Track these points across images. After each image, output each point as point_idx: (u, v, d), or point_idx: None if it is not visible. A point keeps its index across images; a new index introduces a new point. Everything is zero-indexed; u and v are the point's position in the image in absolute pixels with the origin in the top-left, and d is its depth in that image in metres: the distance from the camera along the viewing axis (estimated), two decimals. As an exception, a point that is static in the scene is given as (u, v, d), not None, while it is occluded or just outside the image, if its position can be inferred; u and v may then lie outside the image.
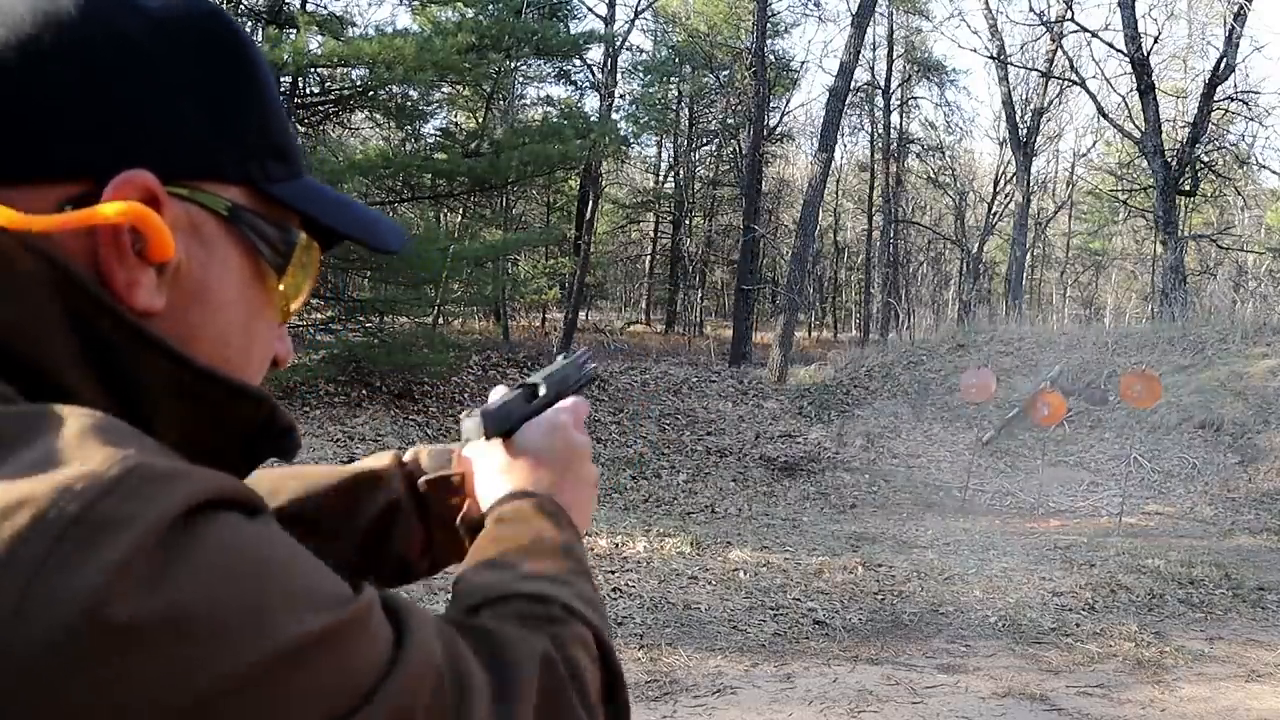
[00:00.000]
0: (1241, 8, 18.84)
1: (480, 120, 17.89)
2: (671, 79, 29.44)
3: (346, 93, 13.26)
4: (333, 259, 11.08)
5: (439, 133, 17.89)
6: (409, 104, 14.40)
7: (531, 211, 27.80)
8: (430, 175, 13.01)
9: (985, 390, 10.90)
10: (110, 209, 0.47)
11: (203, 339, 0.52)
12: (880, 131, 30.53)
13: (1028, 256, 28.37)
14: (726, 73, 27.26)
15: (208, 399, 0.51)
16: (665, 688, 4.42)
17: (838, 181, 32.94)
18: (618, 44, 21.93)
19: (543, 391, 0.80)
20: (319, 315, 11.85)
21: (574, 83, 25.92)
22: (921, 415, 13.37)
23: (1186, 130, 20.62)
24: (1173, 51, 27.89)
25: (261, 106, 0.55)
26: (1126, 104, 21.64)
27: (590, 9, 28.39)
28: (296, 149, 0.58)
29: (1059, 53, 23.26)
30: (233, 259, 0.54)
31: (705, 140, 30.90)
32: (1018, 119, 25.61)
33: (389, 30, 12.32)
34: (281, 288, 0.57)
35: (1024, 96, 27.28)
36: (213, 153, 0.52)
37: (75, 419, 0.42)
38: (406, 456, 0.82)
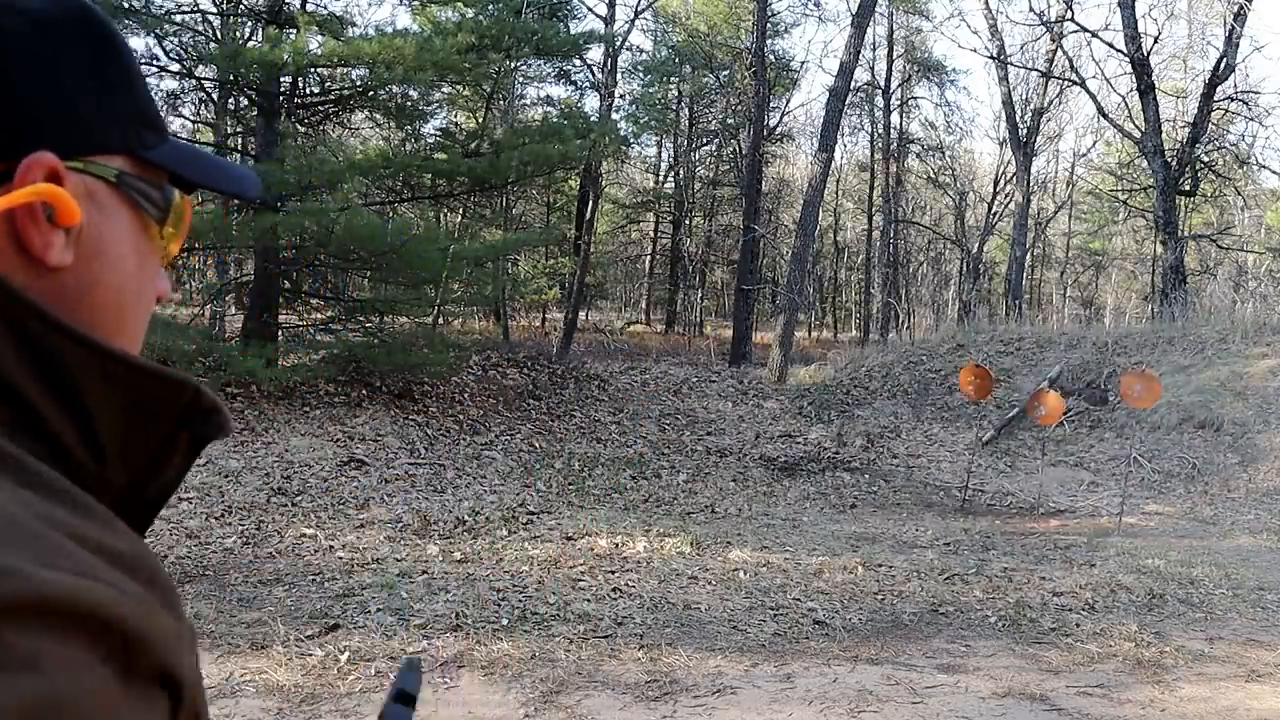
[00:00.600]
0: (1241, 8, 18.83)
1: (480, 120, 17.89)
2: (671, 79, 29.45)
3: (346, 93, 13.25)
4: (332, 259, 11.08)
5: (439, 133, 17.90)
6: (409, 104, 14.40)
7: (531, 211, 27.82)
8: (430, 175, 13.00)
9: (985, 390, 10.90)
10: (29, 191, 0.56)
11: (105, 285, 0.62)
12: (880, 131, 30.54)
13: (1028, 256, 28.37)
14: (726, 73, 27.26)
15: (133, 384, 0.59)
16: (665, 688, 4.42)
17: (838, 181, 32.94)
18: (618, 44, 21.94)
19: None
20: (319, 315, 11.85)
21: (574, 83, 25.94)
22: (921, 415, 13.37)
23: (1186, 130, 20.62)
24: (1173, 51, 27.91)
25: (133, 85, 0.65)
26: (1126, 104, 21.64)
27: (590, 9, 28.44)
28: (161, 119, 0.68)
29: (1059, 53, 23.27)
30: (123, 217, 0.63)
31: (705, 140, 30.91)
32: (1018, 119, 25.61)
33: (389, 30, 12.32)
34: (162, 237, 0.67)
35: (1024, 96, 27.29)
36: (99, 130, 0.62)
37: None
38: None
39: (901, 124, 31.66)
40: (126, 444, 0.58)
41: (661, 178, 32.92)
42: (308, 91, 13.58)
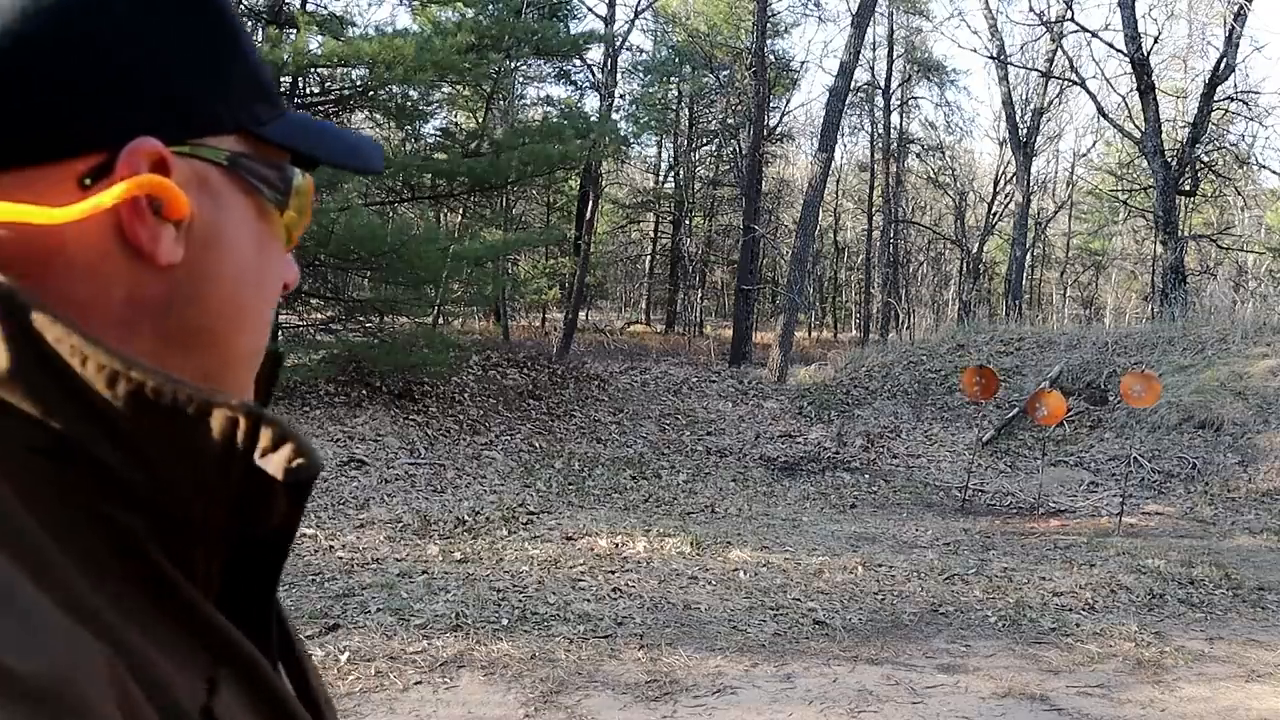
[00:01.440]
0: (1241, 8, 18.84)
1: (480, 120, 17.89)
2: (671, 79, 29.44)
3: (346, 93, 13.25)
4: (331, 259, 11.08)
5: (439, 133, 17.88)
6: (409, 104, 14.39)
7: (531, 211, 27.80)
8: (430, 175, 13.00)
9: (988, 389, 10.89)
10: (132, 184, 0.50)
11: (221, 280, 0.55)
12: (880, 131, 30.55)
13: (1028, 256, 28.37)
14: (726, 73, 27.26)
15: (159, 412, 0.49)
16: (665, 688, 4.42)
17: (838, 181, 32.94)
18: (618, 44, 21.94)
19: None
20: (319, 315, 11.85)
21: (574, 83, 25.93)
22: (921, 415, 13.37)
23: (1186, 130, 20.62)
24: (1173, 51, 27.91)
25: (242, 55, 0.57)
26: (1126, 104, 21.64)
27: (590, 9, 28.39)
28: (275, 88, 0.61)
29: (1059, 53, 23.27)
30: (238, 203, 0.57)
31: (705, 140, 30.90)
32: (1018, 119, 25.61)
33: (389, 30, 12.32)
34: (284, 221, 0.60)
35: (1024, 96, 27.30)
36: (207, 108, 0.55)
37: None
38: None
39: (901, 124, 31.68)
40: (192, 477, 0.50)
41: (661, 178, 32.92)
42: (308, 91, 13.58)
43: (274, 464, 0.51)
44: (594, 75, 24.60)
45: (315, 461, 0.52)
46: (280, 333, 11.09)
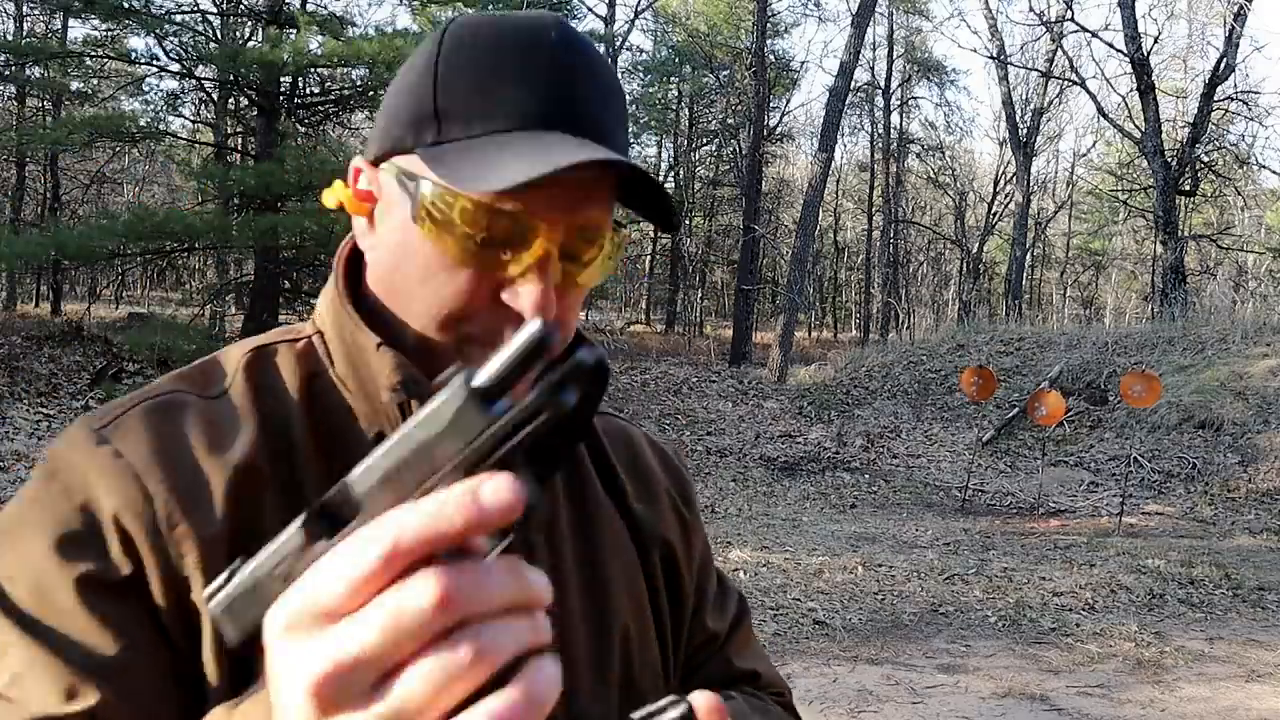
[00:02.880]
0: (1241, 8, 18.84)
1: (480, 120, 17.86)
2: (671, 79, 29.45)
3: (346, 93, 13.26)
4: (332, 259, 11.06)
5: (439, 133, 17.86)
6: (409, 104, 14.39)
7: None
8: (430, 175, 12.99)
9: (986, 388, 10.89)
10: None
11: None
12: (880, 131, 30.54)
13: (1028, 256, 28.37)
14: (726, 73, 27.26)
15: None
16: (665, 688, 4.42)
17: (838, 181, 32.94)
18: (618, 44, 21.95)
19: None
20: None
21: (574, 83, 25.90)
22: (921, 415, 13.37)
23: (1186, 130, 20.62)
24: (1173, 51, 27.93)
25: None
26: (1126, 104, 21.64)
27: (590, 9, 28.36)
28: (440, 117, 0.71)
29: (1059, 53, 23.27)
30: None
31: (705, 140, 30.89)
32: (1018, 119, 25.61)
33: (389, 30, 12.32)
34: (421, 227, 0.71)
35: (1024, 96, 27.30)
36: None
37: None
38: None
39: (901, 124, 31.67)
40: None
41: (661, 178, 32.91)
42: (308, 91, 13.60)
43: None
44: (594, 75, 24.56)
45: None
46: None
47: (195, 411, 0.69)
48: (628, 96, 25.61)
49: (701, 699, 0.58)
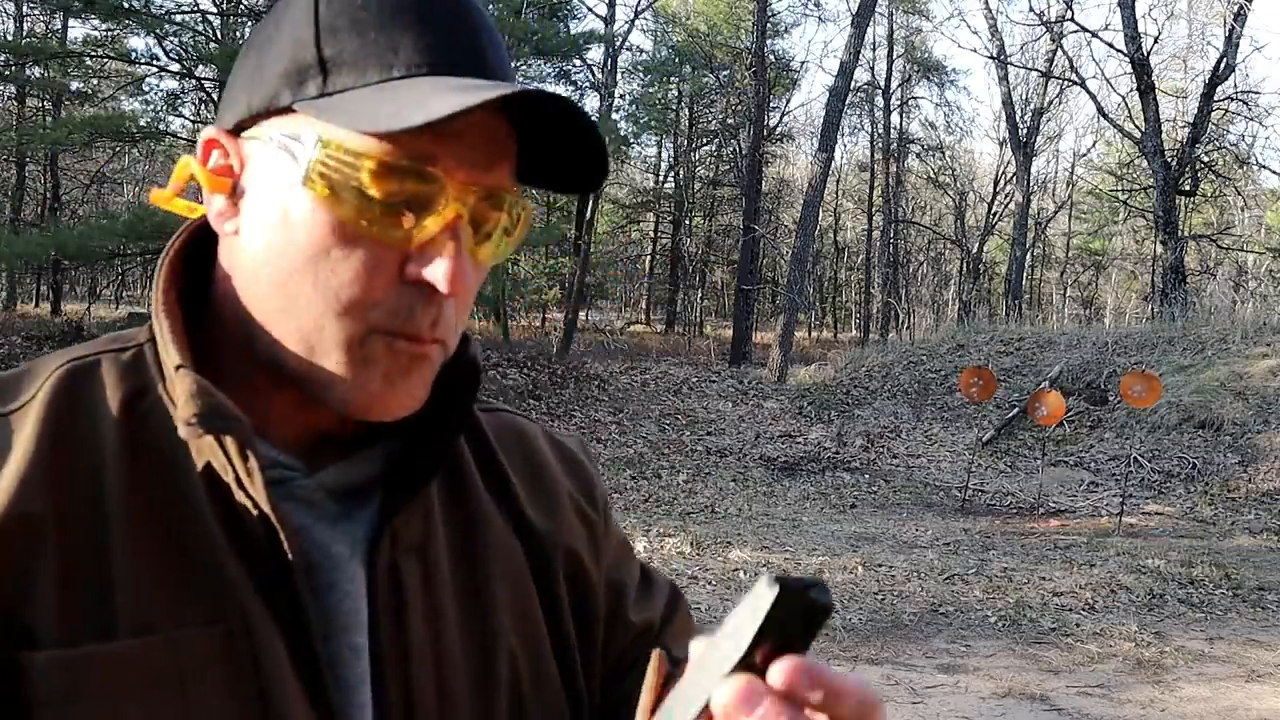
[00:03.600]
0: (1241, 8, 18.84)
1: (480, 120, 17.86)
2: (671, 79, 29.43)
3: (346, 93, 13.21)
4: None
5: (439, 133, 17.86)
6: (409, 104, 14.38)
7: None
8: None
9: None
10: None
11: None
12: (880, 131, 30.54)
13: (1028, 256, 28.37)
14: (726, 73, 27.26)
15: None
16: (665, 688, 4.42)
17: (838, 181, 32.94)
18: (618, 44, 21.94)
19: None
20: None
21: (574, 83, 25.91)
22: (921, 415, 13.37)
23: (1186, 130, 20.62)
24: (1173, 51, 27.92)
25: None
26: (1126, 104, 21.64)
27: (590, 9, 28.45)
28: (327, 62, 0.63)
29: (1059, 53, 23.27)
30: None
31: (705, 140, 30.89)
32: (1018, 119, 25.61)
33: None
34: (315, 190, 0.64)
35: (1024, 96, 27.30)
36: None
37: None
38: None
39: (901, 124, 31.67)
40: None
41: (661, 178, 32.90)
42: (308, 91, 13.52)
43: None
44: (594, 75, 24.61)
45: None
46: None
47: None
48: (627, 97, 25.49)
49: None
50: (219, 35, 15.05)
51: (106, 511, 0.57)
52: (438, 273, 0.58)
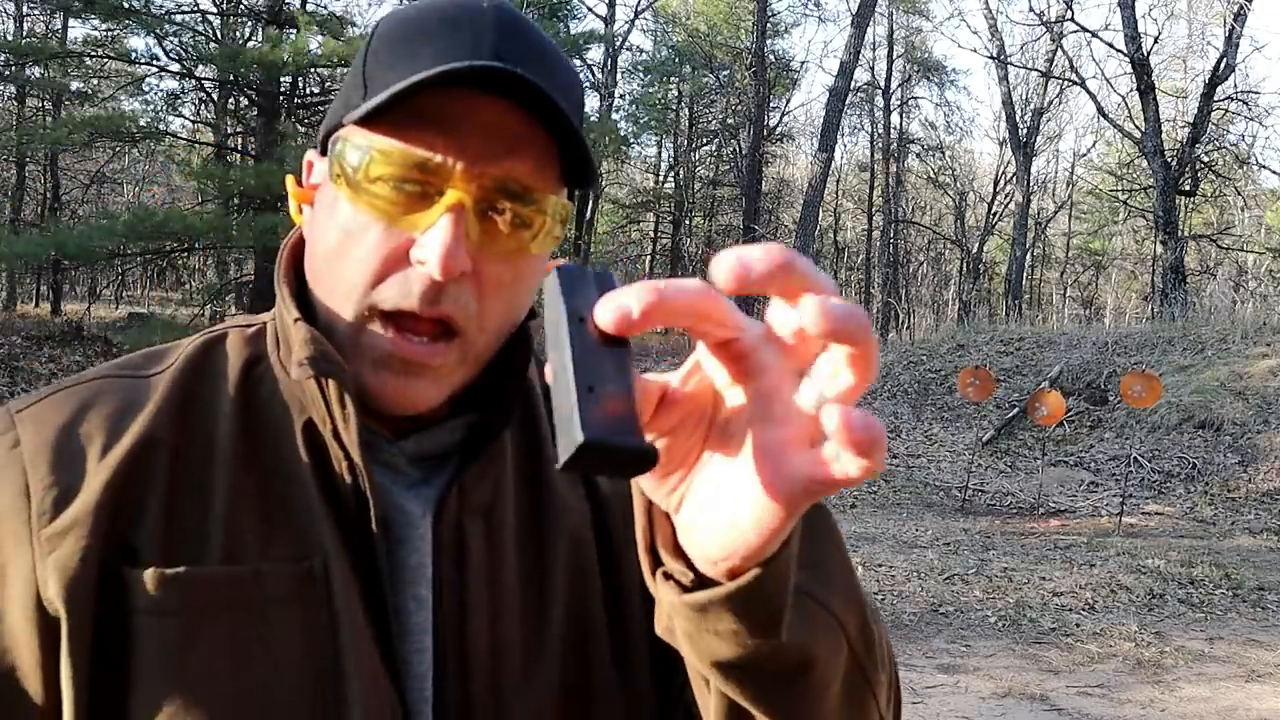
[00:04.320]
0: (1241, 8, 18.84)
1: (480, 120, 17.88)
2: (671, 79, 29.43)
3: (346, 93, 13.21)
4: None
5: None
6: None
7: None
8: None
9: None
10: None
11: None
12: (880, 131, 30.53)
13: (1028, 256, 28.37)
14: (726, 73, 27.26)
15: None
16: (665, 688, 4.41)
17: (838, 181, 32.93)
18: (618, 44, 21.96)
19: None
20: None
21: (574, 83, 25.91)
22: (921, 415, 13.37)
23: (1186, 130, 20.63)
24: (1173, 51, 27.92)
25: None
26: (1126, 104, 21.65)
27: (590, 9, 28.36)
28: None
29: (1059, 53, 23.28)
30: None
31: (705, 140, 30.88)
32: (1018, 119, 25.61)
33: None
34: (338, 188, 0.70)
35: (1024, 96, 27.30)
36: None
37: None
38: None
39: (901, 124, 31.66)
40: None
41: (661, 178, 32.89)
42: (308, 91, 13.60)
43: None
44: (594, 75, 24.60)
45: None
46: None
47: (115, 391, 0.68)
48: (627, 97, 25.45)
49: None
50: (219, 35, 15.05)
51: (216, 453, 0.66)
52: (429, 252, 0.62)
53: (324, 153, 0.70)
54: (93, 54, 15.19)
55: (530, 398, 0.77)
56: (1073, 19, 21.32)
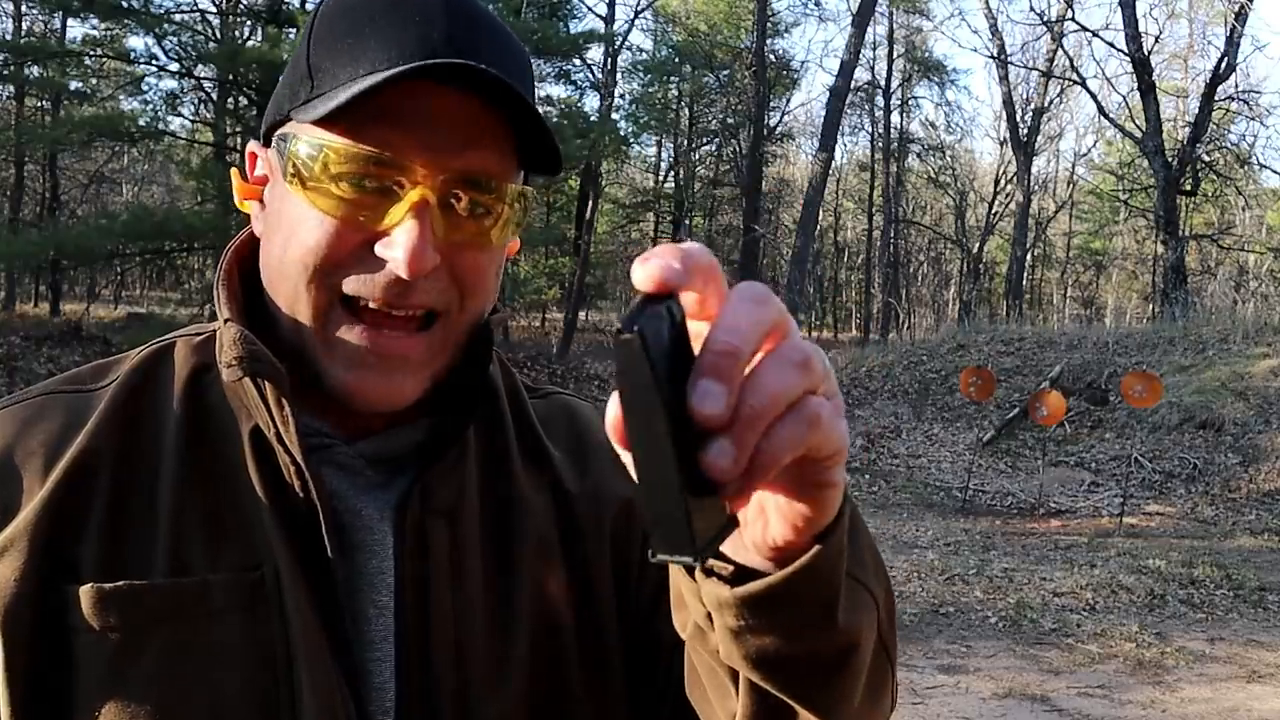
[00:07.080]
0: (1242, 7, 18.83)
1: (480, 120, 17.86)
2: (671, 79, 29.41)
3: (346, 92, 13.21)
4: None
5: (439, 132, 17.85)
6: (409, 103, 14.39)
7: (531, 211, 27.78)
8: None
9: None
10: None
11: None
12: (880, 131, 30.53)
13: (1028, 256, 28.37)
14: (726, 73, 27.24)
15: None
16: (665, 689, 4.41)
17: (838, 181, 32.93)
18: (618, 44, 21.94)
19: None
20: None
21: (574, 82, 25.88)
22: (921, 415, 13.36)
23: (1187, 130, 20.62)
24: (1173, 51, 27.93)
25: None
26: (1127, 103, 21.64)
27: (590, 9, 28.43)
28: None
29: (1059, 52, 23.28)
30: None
31: (705, 140, 30.87)
32: (1018, 119, 25.61)
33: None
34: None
35: (1024, 96, 27.29)
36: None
37: None
38: None
39: (901, 124, 31.66)
40: None
41: (661, 178, 32.88)
42: (307, 91, 13.51)
43: None
44: (594, 75, 24.58)
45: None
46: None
47: (59, 407, 0.67)
48: (627, 96, 25.39)
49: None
50: (218, 35, 15.05)
51: (162, 465, 0.65)
52: (398, 249, 0.61)
53: (267, 144, 0.68)
54: (92, 53, 15.19)
55: (493, 394, 0.75)
56: (1073, 18, 21.32)
